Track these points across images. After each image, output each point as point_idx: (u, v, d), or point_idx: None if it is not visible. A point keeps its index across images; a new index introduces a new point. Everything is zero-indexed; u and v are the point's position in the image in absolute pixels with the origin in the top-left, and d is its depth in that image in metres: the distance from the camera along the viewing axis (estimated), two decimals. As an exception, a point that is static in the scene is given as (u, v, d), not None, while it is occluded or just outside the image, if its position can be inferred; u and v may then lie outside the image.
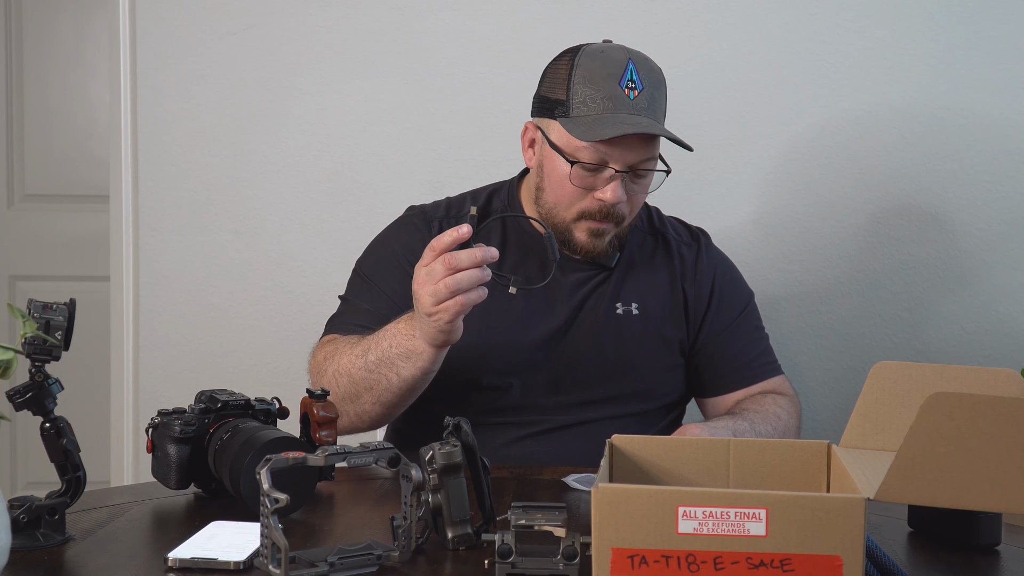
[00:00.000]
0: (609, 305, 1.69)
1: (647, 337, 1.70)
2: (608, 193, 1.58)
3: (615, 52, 1.60)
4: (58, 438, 1.17)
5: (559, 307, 1.68)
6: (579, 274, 1.70)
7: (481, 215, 1.69)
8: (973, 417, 0.91)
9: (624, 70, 1.57)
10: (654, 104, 1.59)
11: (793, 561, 0.90)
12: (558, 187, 1.62)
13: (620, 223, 1.64)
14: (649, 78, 1.59)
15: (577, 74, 1.58)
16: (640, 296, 1.71)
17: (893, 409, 1.15)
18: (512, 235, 1.72)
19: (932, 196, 2.20)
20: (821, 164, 2.22)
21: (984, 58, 2.18)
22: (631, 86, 1.56)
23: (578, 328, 1.68)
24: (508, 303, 1.63)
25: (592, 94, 1.57)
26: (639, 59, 1.60)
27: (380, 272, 1.70)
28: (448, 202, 1.77)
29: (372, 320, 1.63)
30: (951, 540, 1.18)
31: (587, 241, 1.64)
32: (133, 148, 2.37)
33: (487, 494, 1.17)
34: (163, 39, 2.36)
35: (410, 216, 1.76)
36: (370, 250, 1.76)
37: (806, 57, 2.21)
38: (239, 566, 1.06)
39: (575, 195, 1.61)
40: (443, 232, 1.42)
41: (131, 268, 2.39)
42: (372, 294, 1.69)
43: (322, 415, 1.39)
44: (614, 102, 1.56)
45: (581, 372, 1.67)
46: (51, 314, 1.14)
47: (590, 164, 1.57)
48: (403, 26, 2.30)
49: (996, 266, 2.20)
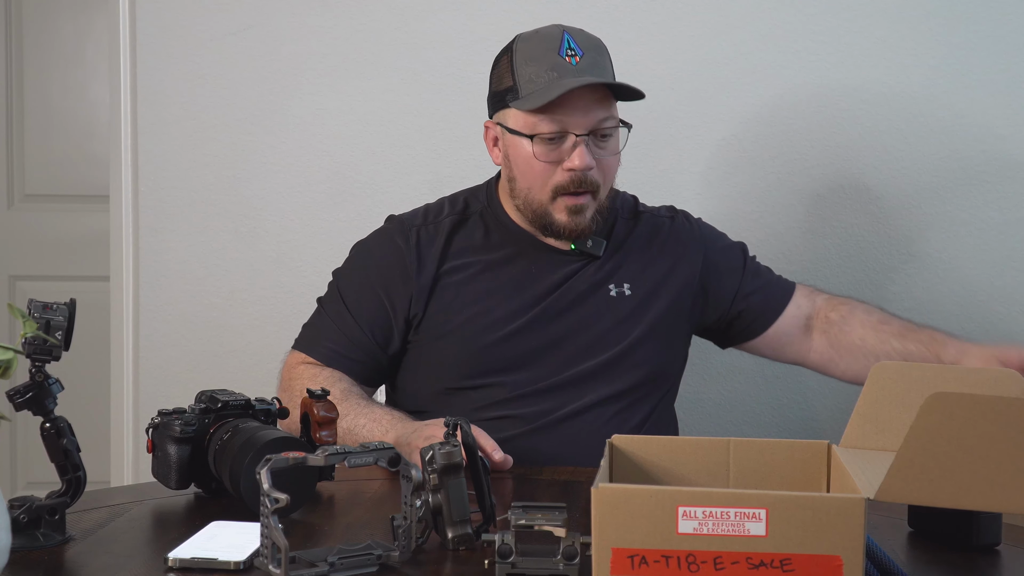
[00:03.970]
0: (603, 289, 1.71)
1: (644, 316, 1.71)
2: (576, 160, 1.60)
3: (549, 29, 1.65)
4: (58, 438, 1.16)
5: (551, 300, 1.69)
6: (568, 267, 1.71)
7: (461, 217, 1.73)
8: (973, 417, 0.91)
9: (561, 41, 1.61)
10: (597, 65, 1.62)
11: (793, 561, 0.90)
12: (527, 169, 1.64)
13: (596, 192, 1.64)
14: (588, 43, 1.63)
15: (518, 58, 1.63)
16: (631, 276, 1.72)
17: (893, 409, 1.15)
18: (494, 234, 1.73)
19: (932, 196, 2.20)
20: (821, 164, 2.22)
21: (984, 58, 2.18)
22: (571, 53, 1.60)
23: (572, 314, 1.69)
24: (497, 300, 1.67)
25: (535, 70, 1.61)
26: (574, 30, 1.64)
27: (353, 297, 1.72)
28: (426, 208, 1.78)
29: (342, 345, 1.69)
30: (951, 540, 1.18)
31: (568, 220, 1.64)
32: (133, 148, 2.37)
33: (487, 494, 1.17)
34: (163, 39, 2.36)
35: (388, 229, 1.76)
36: (348, 263, 1.77)
37: (806, 57, 2.21)
38: (239, 566, 1.06)
39: (545, 172, 1.62)
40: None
41: (131, 268, 2.39)
42: (344, 319, 1.71)
43: (322, 415, 1.39)
44: (558, 70, 1.59)
45: (577, 357, 1.68)
46: (51, 314, 1.14)
47: (549, 134, 1.60)
48: (403, 26, 2.30)
49: (996, 266, 2.20)
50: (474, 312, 1.68)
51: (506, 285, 1.69)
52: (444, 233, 1.72)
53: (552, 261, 1.71)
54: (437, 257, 1.70)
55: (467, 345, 1.67)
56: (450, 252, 1.71)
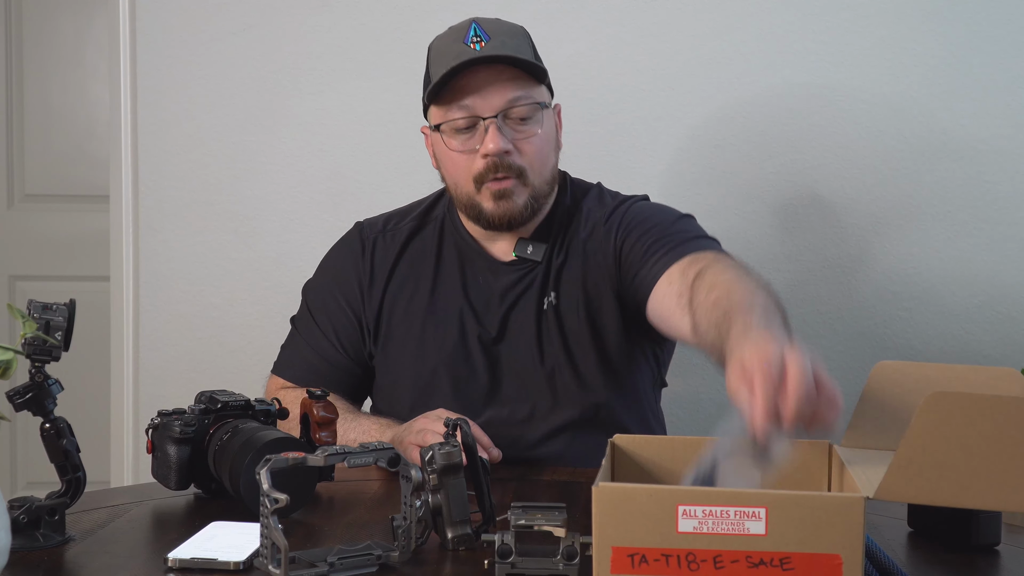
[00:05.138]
0: (538, 302, 1.63)
1: (574, 323, 1.62)
2: (488, 144, 1.54)
3: (461, 23, 1.60)
4: (58, 439, 1.17)
5: (490, 318, 1.64)
6: (508, 276, 1.65)
7: (420, 223, 1.72)
8: (973, 416, 0.91)
9: (467, 31, 1.57)
10: (506, 47, 1.55)
11: (793, 560, 0.90)
12: (449, 162, 1.61)
13: (521, 176, 1.57)
14: (499, 29, 1.58)
15: (431, 57, 1.62)
16: (558, 284, 1.63)
17: (894, 408, 1.15)
18: (447, 241, 1.69)
19: (932, 196, 2.20)
20: (821, 164, 2.22)
21: (984, 58, 2.18)
22: (475, 40, 1.56)
23: (511, 334, 1.63)
24: (443, 325, 1.64)
25: (442, 63, 1.56)
26: (487, 20, 1.60)
27: (319, 307, 1.73)
28: (388, 216, 1.76)
29: (316, 361, 1.70)
30: (951, 540, 1.18)
31: (495, 206, 1.58)
32: (133, 148, 2.37)
33: (487, 494, 1.17)
34: (163, 39, 2.36)
35: (349, 237, 1.77)
36: (316, 274, 1.79)
37: (806, 57, 2.21)
38: (239, 566, 1.06)
39: (465, 163, 1.58)
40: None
41: (131, 268, 2.39)
42: (313, 335, 1.72)
43: (322, 415, 1.39)
44: (460, 57, 1.54)
45: (524, 379, 1.62)
46: (51, 314, 1.14)
47: (458, 120, 1.56)
48: (403, 26, 2.29)
49: (996, 266, 2.20)
50: (425, 308, 1.66)
51: (454, 290, 1.66)
52: (400, 243, 1.71)
53: (496, 269, 1.65)
54: (391, 264, 1.69)
55: (416, 375, 1.64)
56: (404, 257, 1.70)
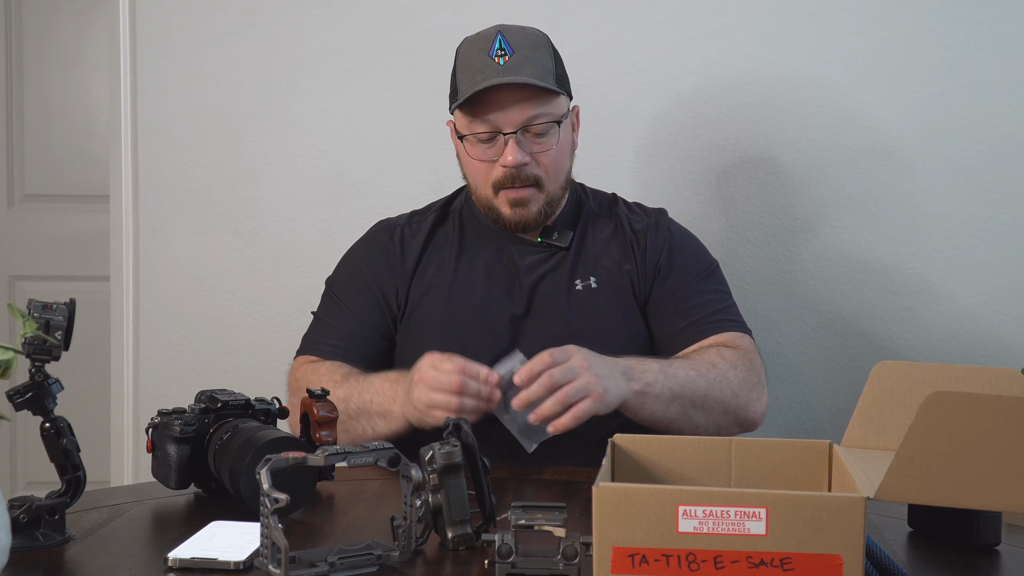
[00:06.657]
0: (568, 283, 1.72)
1: (609, 308, 1.72)
2: (508, 156, 1.65)
3: (488, 30, 1.69)
4: (58, 438, 1.17)
5: (516, 293, 1.72)
6: (534, 256, 1.75)
7: (442, 214, 1.82)
8: (973, 417, 0.91)
9: (493, 42, 1.66)
10: (528, 63, 1.65)
11: (793, 560, 0.90)
12: (471, 168, 1.72)
13: (539, 186, 1.68)
14: (522, 41, 1.66)
15: (457, 63, 1.70)
16: (596, 271, 1.74)
17: (894, 409, 1.15)
18: (468, 228, 1.79)
19: (932, 195, 2.20)
20: (821, 164, 2.22)
21: (984, 58, 2.18)
22: (500, 53, 1.64)
23: (538, 309, 1.71)
24: (467, 296, 1.72)
25: (468, 73, 1.66)
26: (512, 29, 1.68)
27: (347, 292, 1.79)
28: (410, 213, 1.86)
29: (343, 339, 1.73)
30: (951, 540, 1.18)
31: (511, 212, 1.69)
32: (133, 148, 2.37)
33: (487, 494, 1.17)
34: (163, 39, 2.36)
35: (375, 231, 1.86)
36: (339, 268, 1.85)
37: (806, 57, 2.21)
38: (239, 566, 1.06)
39: (485, 170, 1.69)
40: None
41: (131, 268, 2.39)
42: (341, 314, 1.77)
43: (322, 415, 1.39)
44: (485, 71, 1.64)
45: (547, 342, 1.66)
46: (51, 314, 1.14)
47: (481, 134, 1.66)
48: (403, 26, 2.30)
49: (996, 266, 2.20)
50: (450, 283, 1.74)
51: (479, 265, 1.75)
52: (426, 229, 1.80)
53: (521, 249, 1.75)
54: (419, 248, 1.78)
55: (445, 307, 1.71)
56: (431, 244, 1.79)
